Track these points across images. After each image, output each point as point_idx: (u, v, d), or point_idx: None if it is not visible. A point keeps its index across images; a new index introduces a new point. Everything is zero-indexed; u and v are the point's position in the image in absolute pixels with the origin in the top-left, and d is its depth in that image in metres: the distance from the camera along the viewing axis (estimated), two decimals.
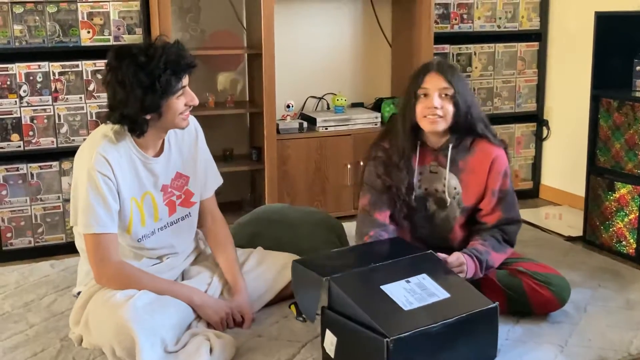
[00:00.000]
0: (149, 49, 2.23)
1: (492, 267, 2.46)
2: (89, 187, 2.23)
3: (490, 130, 2.55)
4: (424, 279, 2.20)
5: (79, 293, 2.42)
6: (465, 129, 2.48)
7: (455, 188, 2.52)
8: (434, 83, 2.42)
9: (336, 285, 2.11)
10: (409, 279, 2.18)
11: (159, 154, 2.41)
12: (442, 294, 2.16)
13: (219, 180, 2.65)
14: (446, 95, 2.42)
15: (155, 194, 2.41)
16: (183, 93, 2.30)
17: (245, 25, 3.73)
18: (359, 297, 2.08)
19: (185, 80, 2.29)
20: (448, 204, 2.52)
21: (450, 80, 2.41)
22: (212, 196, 2.62)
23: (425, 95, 2.43)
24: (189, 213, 2.53)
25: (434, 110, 2.40)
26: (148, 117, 2.26)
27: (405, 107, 2.50)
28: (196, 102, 2.33)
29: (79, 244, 2.44)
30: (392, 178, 2.52)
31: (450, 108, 2.42)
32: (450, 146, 2.50)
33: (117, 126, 2.29)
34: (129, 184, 2.32)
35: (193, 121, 2.53)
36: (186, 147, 2.50)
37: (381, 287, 2.13)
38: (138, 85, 2.19)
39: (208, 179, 2.59)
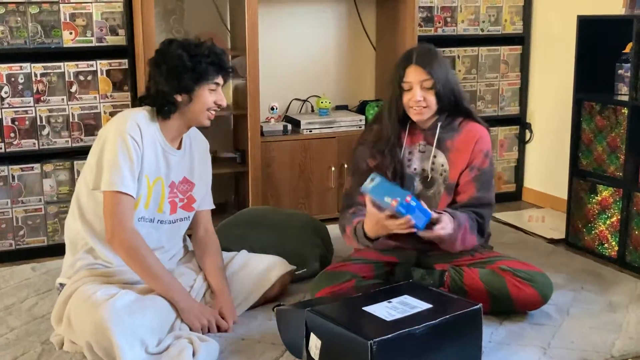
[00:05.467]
0: (198, 42, 2.43)
1: (463, 239, 2.45)
2: (120, 148, 2.30)
3: (474, 110, 2.65)
4: (405, 298, 2.23)
5: (61, 285, 2.42)
6: (451, 110, 2.58)
7: (442, 165, 2.57)
8: (414, 76, 2.50)
9: (317, 314, 2.12)
10: (391, 300, 2.21)
11: (177, 149, 2.50)
12: (424, 305, 2.17)
13: (211, 204, 2.69)
14: (427, 87, 2.50)
15: (166, 184, 2.46)
16: (216, 90, 2.43)
17: (229, 27, 3.72)
18: (341, 318, 2.10)
19: (221, 80, 2.44)
20: (434, 182, 2.58)
21: (430, 71, 2.49)
22: (208, 210, 2.66)
23: (409, 88, 2.51)
24: (188, 217, 2.57)
25: (418, 103, 2.50)
26: (179, 98, 2.39)
27: (392, 97, 2.59)
28: (224, 103, 2.46)
29: (69, 233, 2.45)
30: (378, 163, 2.59)
31: (432, 98, 2.51)
32: (439, 125, 2.57)
33: (148, 109, 2.42)
34: (148, 161, 2.38)
35: (205, 140, 2.66)
36: (197, 157, 2.57)
37: (363, 308, 2.15)
38: (179, 64, 2.36)
39: (207, 193, 2.64)
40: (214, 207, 2.70)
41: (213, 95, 2.42)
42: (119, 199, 2.29)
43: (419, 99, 2.49)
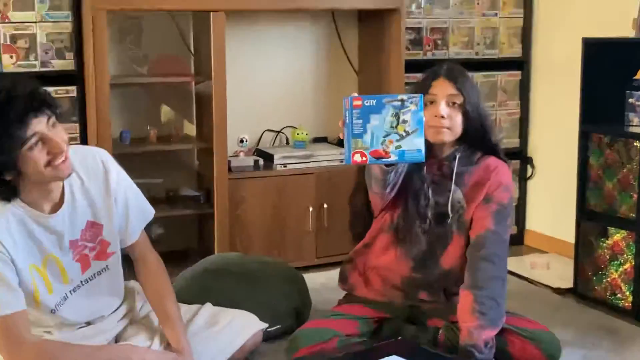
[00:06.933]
0: None
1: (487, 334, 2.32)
2: None
3: (501, 148, 2.56)
4: (394, 359, 2.14)
5: None
6: (476, 141, 2.47)
7: (459, 202, 2.48)
8: (441, 89, 2.39)
9: None
10: None
11: (57, 207, 2.18)
12: None
13: (147, 215, 2.42)
14: (454, 103, 2.39)
15: (60, 255, 2.21)
16: (40, 141, 2.01)
17: (192, 50, 3.65)
18: None
19: (39, 126, 1.99)
20: (448, 218, 2.48)
21: (460, 88, 2.39)
22: (140, 238, 2.41)
23: (432, 102, 2.39)
24: (107, 266, 2.32)
25: (440, 120, 2.37)
26: (7, 177, 2.04)
27: None
28: (60, 148, 2.04)
29: None
30: (408, 188, 2.47)
31: (458, 119, 2.40)
32: (457, 156, 2.46)
33: None
34: (24, 252, 2.13)
35: (100, 156, 2.30)
36: (94, 190, 2.26)
37: None
38: None
39: (130, 220, 2.36)
40: (153, 212, 2.43)
41: (41, 150, 2.02)
42: (5, 324, 2.08)
43: (444, 115, 2.35)
